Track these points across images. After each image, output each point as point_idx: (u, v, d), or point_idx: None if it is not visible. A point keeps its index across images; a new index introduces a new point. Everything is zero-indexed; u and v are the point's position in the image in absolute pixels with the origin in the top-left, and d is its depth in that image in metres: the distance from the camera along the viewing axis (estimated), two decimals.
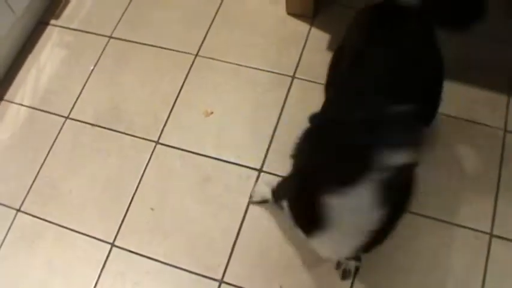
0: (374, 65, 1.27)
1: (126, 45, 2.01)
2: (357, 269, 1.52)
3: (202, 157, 1.74)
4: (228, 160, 1.72)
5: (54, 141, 1.83)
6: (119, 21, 2.06)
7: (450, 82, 1.52)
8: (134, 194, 1.70)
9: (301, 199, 1.16)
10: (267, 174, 1.68)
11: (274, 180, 1.53)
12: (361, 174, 0.94)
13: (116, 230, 1.65)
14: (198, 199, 1.67)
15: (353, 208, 0.99)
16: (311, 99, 1.78)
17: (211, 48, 1.95)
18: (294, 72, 1.86)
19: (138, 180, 1.72)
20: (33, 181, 1.76)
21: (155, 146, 1.77)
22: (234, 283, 1.54)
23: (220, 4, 2.05)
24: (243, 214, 1.63)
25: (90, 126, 1.84)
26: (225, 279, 1.55)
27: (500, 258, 1.52)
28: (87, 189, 1.73)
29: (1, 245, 1.67)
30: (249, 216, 1.63)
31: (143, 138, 1.79)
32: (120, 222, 1.66)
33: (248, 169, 1.69)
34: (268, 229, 1.61)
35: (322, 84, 1.81)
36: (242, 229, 1.61)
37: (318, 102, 1.83)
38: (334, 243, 1.15)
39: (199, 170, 1.72)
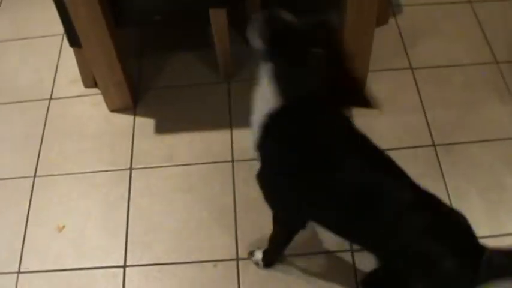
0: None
1: None
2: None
3: (67, 272, 1.77)
4: (92, 266, 1.77)
5: None
6: None
7: None
8: None
9: None
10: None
11: None
12: None
13: None
14: None
15: None
16: (153, 184, 1.91)
17: (48, 165, 2.00)
18: (131, 164, 1.97)
19: None
20: None
21: (17, 277, 1.78)
22: None
23: (45, 121, 2.12)
24: None
25: None
26: None
27: None
28: None
29: None
30: None
31: (2, 273, 1.79)
32: None
33: (113, 268, 1.76)
34: None
35: (160, 167, 1.95)
36: None
37: (161, 185, 1.96)
38: None
39: (68, 285, 1.74)
